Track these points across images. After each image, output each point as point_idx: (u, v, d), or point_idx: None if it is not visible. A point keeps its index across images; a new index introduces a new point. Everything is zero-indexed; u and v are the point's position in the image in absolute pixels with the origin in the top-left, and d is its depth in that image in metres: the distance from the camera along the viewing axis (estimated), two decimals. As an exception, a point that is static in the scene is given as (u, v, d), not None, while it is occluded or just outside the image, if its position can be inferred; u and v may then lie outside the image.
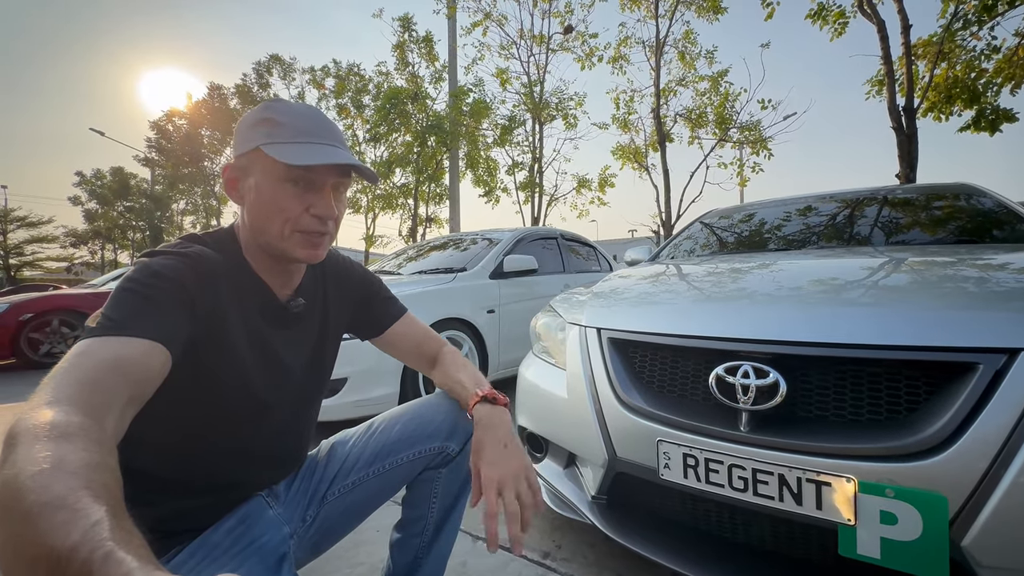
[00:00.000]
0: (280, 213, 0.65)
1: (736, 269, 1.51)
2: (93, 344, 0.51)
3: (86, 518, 0.32)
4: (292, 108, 0.68)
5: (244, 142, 0.66)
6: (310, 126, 0.66)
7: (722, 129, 10.08)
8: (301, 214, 0.66)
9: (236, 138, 0.68)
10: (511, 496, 0.68)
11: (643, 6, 10.18)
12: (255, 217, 0.68)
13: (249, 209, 0.68)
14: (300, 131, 0.65)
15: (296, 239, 0.67)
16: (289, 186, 0.65)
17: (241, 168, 0.67)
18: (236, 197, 0.69)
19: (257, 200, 0.66)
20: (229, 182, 0.69)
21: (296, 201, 0.66)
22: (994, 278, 1.07)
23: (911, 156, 5.64)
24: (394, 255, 4.15)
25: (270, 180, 0.65)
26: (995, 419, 0.74)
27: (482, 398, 0.79)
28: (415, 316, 0.98)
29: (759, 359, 0.95)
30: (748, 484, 0.89)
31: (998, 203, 1.90)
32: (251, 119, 0.67)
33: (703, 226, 2.64)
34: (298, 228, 0.67)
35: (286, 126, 0.65)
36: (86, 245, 29.25)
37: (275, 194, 0.65)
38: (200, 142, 18.61)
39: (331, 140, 0.68)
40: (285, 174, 0.64)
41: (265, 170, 0.65)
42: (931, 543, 0.73)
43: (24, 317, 4.68)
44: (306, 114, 0.67)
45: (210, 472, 0.71)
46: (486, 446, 0.73)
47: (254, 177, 0.66)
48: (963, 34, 6.24)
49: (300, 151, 0.64)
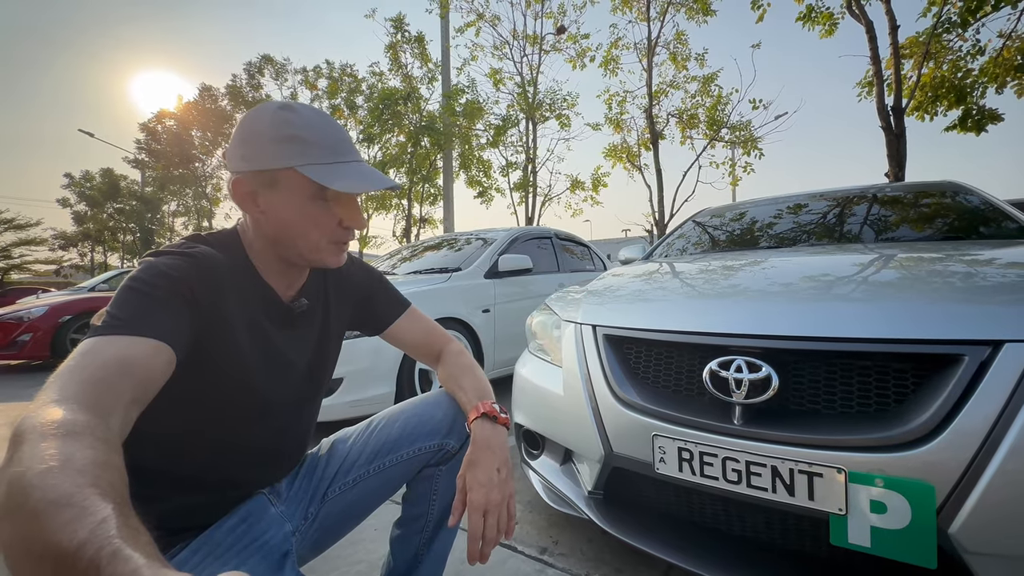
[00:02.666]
0: (315, 228, 0.68)
1: (729, 266, 1.53)
2: (98, 343, 0.51)
3: (93, 516, 0.32)
4: (313, 122, 0.66)
5: (268, 158, 0.64)
6: (336, 142, 0.67)
7: (713, 130, 10.15)
8: (335, 228, 0.70)
9: (249, 150, 0.65)
10: (493, 522, 0.70)
11: (634, 8, 10.23)
12: (282, 231, 0.68)
13: (274, 223, 0.67)
14: (331, 149, 0.66)
15: (329, 249, 0.71)
16: (322, 203, 0.67)
17: (266, 183, 0.65)
18: (253, 210, 0.67)
19: (287, 215, 0.66)
20: (246, 195, 0.66)
21: (329, 216, 0.68)
22: (980, 273, 1.10)
23: (900, 155, 5.72)
24: (388, 255, 4.15)
25: (303, 198, 0.66)
26: (980, 409, 0.76)
27: (482, 415, 0.79)
28: (419, 310, 0.99)
29: (752, 354, 0.96)
30: (742, 476, 0.90)
31: (984, 200, 1.94)
32: (272, 134, 0.64)
33: (696, 225, 2.67)
34: (332, 240, 0.70)
35: (316, 144, 0.65)
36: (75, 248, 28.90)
37: (310, 211, 0.67)
38: (191, 143, 18.46)
39: (356, 154, 0.70)
40: (320, 192, 0.66)
41: (299, 188, 0.65)
42: (919, 531, 0.75)
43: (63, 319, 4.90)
44: (327, 128, 0.67)
45: (213, 470, 0.71)
46: (480, 467, 0.74)
47: (283, 194, 0.65)
48: (948, 36, 6.34)
49: (343, 173, 0.65)
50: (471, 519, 0.70)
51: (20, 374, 4.80)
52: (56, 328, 4.85)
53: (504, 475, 0.75)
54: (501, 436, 0.79)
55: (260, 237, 0.70)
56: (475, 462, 0.74)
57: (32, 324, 4.71)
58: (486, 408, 0.80)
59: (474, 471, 0.73)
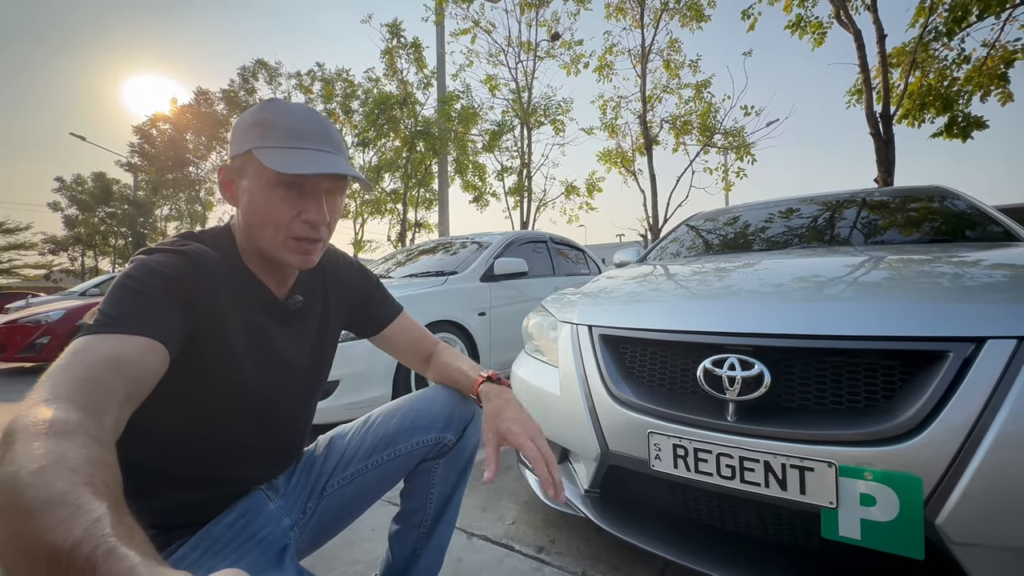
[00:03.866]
0: (271, 218, 0.65)
1: (722, 268, 1.56)
2: (91, 341, 0.51)
3: (88, 514, 0.32)
4: (288, 109, 0.66)
5: (238, 143, 0.65)
6: (304, 129, 0.65)
7: (706, 136, 10.27)
8: (292, 220, 0.65)
9: (232, 139, 0.67)
10: (544, 443, 0.73)
11: (628, 15, 10.36)
12: (248, 221, 0.67)
13: (243, 212, 0.68)
14: (293, 134, 0.64)
15: (289, 245, 0.67)
16: (280, 191, 0.64)
17: (235, 170, 0.66)
18: (231, 199, 0.69)
19: (249, 204, 0.66)
20: (224, 184, 0.68)
21: (287, 206, 0.65)
22: (965, 274, 1.13)
23: (889, 160, 5.82)
24: (383, 259, 4.15)
25: (261, 184, 0.64)
26: (965, 403, 0.78)
27: (486, 379, 0.83)
28: (410, 315, 1.00)
29: (745, 351, 0.98)
30: (736, 472, 0.92)
31: (970, 205, 1.98)
32: (247, 120, 0.66)
33: (689, 228, 2.70)
34: (290, 234, 0.66)
35: (279, 129, 0.64)
36: (66, 252, 28.56)
37: (266, 199, 0.64)
38: (185, 147, 18.37)
39: (326, 145, 0.66)
40: (276, 179, 0.63)
41: (257, 174, 0.64)
42: (907, 522, 0.77)
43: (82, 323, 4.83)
44: (302, 116, 0.66)
45: (210, 467, 0.71)
46: (505, 409, 0.77)
47: (247, 180, 0.65)
48: (935, 45, 6.47)
49: (291, 157, 0.62)
50: (525, 446, 0.72)
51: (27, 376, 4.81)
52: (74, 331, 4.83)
53: (528, 412, 0.78)
54: (509, 391, 0.82)
55: (240, 230, 0.70)
56: (500, 408, 0.77)
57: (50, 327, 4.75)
58: (489, 373, 0.84)
59: (503, 414, 0.76)
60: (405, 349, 0.97)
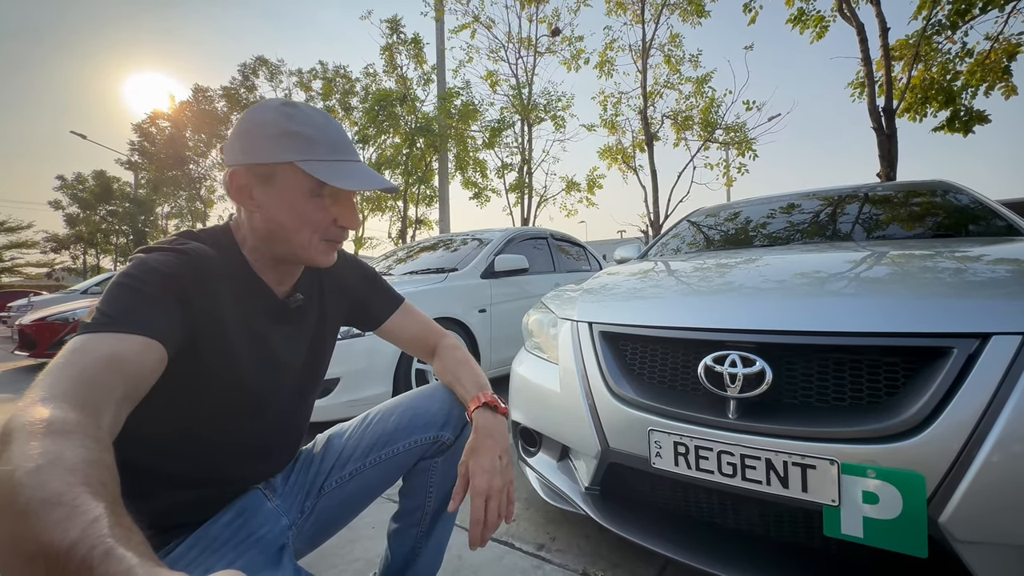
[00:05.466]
0: (309, 225, 0.68)
1: (723, 264, 1.55)
2: (89, 340, 0.50)
3: (85, 515, 0.32)
4: (315, 120, 0.66)
5: (268, 152, 0.63)
6: (338, 139, 0.67)
7: (707, 131, 10.23)
8: (329, 225, 0.69)
9: (249, 143, 0.64)
10: (495, 507, 0.72)
11: (629, 11, 10.30)
12: (275, 226, 0.67)
13: (268, 218, 0.67)
14: (332, 147, 0.66)
15: (320, 248, 0.70)
16: (318, 200, 0.67)
17: (262, 177, 0.65)
18: (248, 203, 0.67)
19: (281, 211, 0.66)
20: (241, 188, 0.66)
21: (324, 213, 0.68)
22: (968, 269, 1.12)
23: (891, 155, 5.79)
24: (384, 256, 4.14)
25: (300, 194, 0.65)
26: (969, 400, 0.77)
27: (483, 404, 0.81)
28: (413, 306, 0.99)
29: (746, 348, 0.97)
30: (737, 469, 0.91)
31: (974, 199, 1.97)
32: (273, 129, 0.64)
33: (690, 224, 2.69)
34: (324, 237, 0.70)
35: (318, 142, 0.65)
36: (67, 250, 28.61)
37: (305, 208, 0.66)
38: (185, 145, 18.35)
39: (355, 155, 0.70)
40: (317, 189, 0.65)
41: (297, 184, 0.65)
42: (910, 520, 0.77)
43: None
44: (330, 127, 0.68)
45: (207, 466, 0.71)
46: (483, 453, 0.75)
47: (279, 189, 0.65)
48: (938, 38, 6.43)
49: (344, 171, 0.65)
50: (474, 504, 0.71)
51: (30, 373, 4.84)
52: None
53: (505, 462, 0.76)
54: (501, 425, 0.80)
55: (253, 232, 0.70)
56: (478, 449, 0.75)
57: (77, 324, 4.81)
58: (487, 398, 0.81)
59: (477, 458, 0.74)
60: (409, 341, 0.97)
